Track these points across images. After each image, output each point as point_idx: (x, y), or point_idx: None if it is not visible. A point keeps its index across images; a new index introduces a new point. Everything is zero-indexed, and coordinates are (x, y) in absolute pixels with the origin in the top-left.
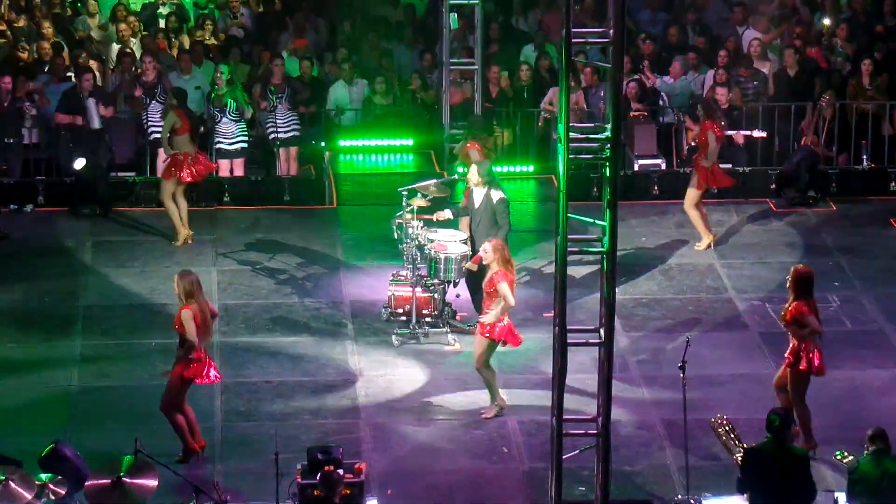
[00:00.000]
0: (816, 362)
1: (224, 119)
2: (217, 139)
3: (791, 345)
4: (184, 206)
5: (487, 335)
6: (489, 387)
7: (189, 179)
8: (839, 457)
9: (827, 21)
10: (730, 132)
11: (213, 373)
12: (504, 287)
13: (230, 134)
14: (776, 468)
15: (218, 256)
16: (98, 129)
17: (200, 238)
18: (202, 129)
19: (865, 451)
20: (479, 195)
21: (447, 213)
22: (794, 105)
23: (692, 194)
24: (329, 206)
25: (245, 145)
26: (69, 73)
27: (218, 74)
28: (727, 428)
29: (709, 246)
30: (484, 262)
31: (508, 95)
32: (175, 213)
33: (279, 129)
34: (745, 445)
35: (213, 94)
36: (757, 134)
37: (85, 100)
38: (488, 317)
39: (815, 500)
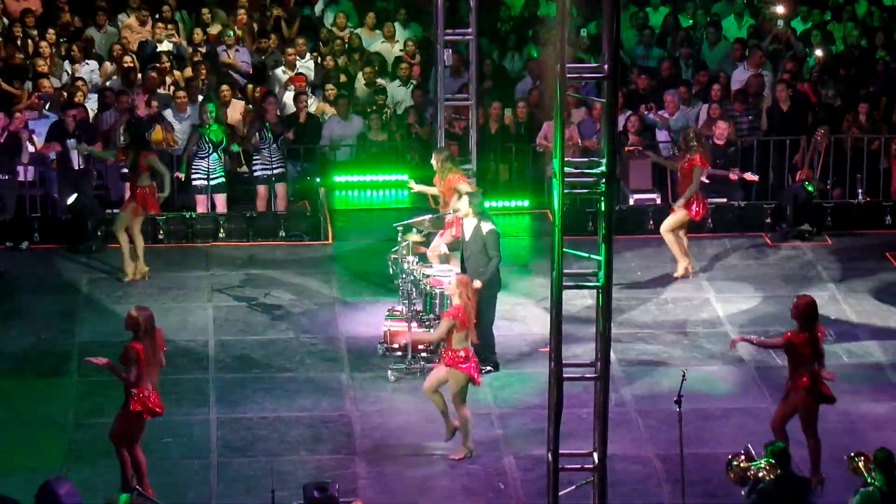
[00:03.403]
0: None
1: (214, 155)
2: (199, 174)
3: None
4: (141, 242)
5: (463, 369)
6: (463, 427)
7: (155, 211)
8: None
9: (819, 52)
10: (722, 172)
11: (156, 407)
12: (444, 323)
13: (213, 170)
14: (792, 498)
15: (213, 292)
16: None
17: (196, 274)
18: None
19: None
20: (469, 227)
21: (443, 248)
22: (788, 139)
23: (675, 220)
24: (324, 241)
25: (223, 180)
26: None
27: (206, 114)
28: (743, 463)
29: (686, 271)
30: (447, 293)
31: (510, 131)
32: (127, 246)
33: (274, 166)
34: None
35: (204, 131)
36: (749, 177)
37: (69, 137)
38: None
39: None
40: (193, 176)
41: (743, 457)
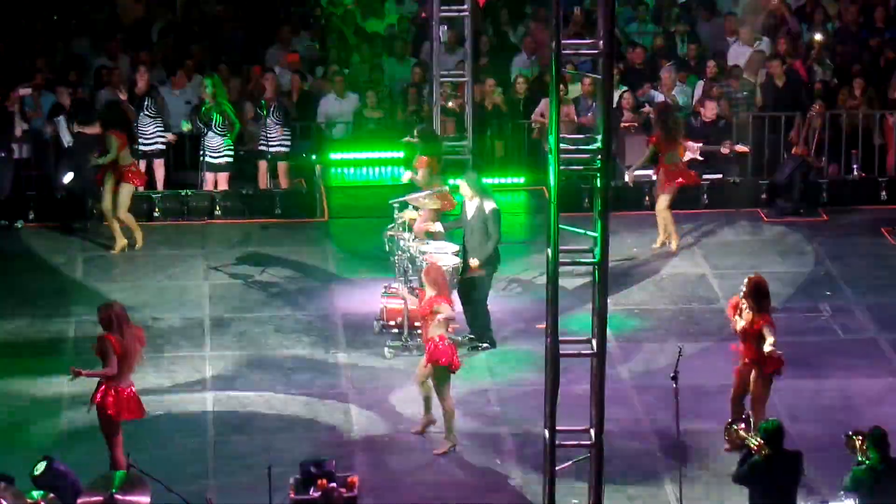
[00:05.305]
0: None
1: (210, 133)
2: (201, 152)
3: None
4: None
5: (441, 363)
6: (447, 420)
7: (142, 185)
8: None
9: (819, 37)
10: (713, 147)
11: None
12: (445, 307)
13: (216, 148)
14: (783, 473)
15: (209, 270)
16: (73, 146)
17: (192, 252)
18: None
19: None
20: (471, 207)
21: (437, 226)
22: (783, 115)
23: (666, 197)
24: (320, 219)
25: (230, 159)
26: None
27: (203, 89)
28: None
29: (670, 242)
30: (424, 282)
31: (503, 110)
32: (133, 220)
33: (270, 143)
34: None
35: (201, 109)
36: (740, 148)
37: (58, 116)
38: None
39: None
40: (200, 154)
41: (743, 424)
